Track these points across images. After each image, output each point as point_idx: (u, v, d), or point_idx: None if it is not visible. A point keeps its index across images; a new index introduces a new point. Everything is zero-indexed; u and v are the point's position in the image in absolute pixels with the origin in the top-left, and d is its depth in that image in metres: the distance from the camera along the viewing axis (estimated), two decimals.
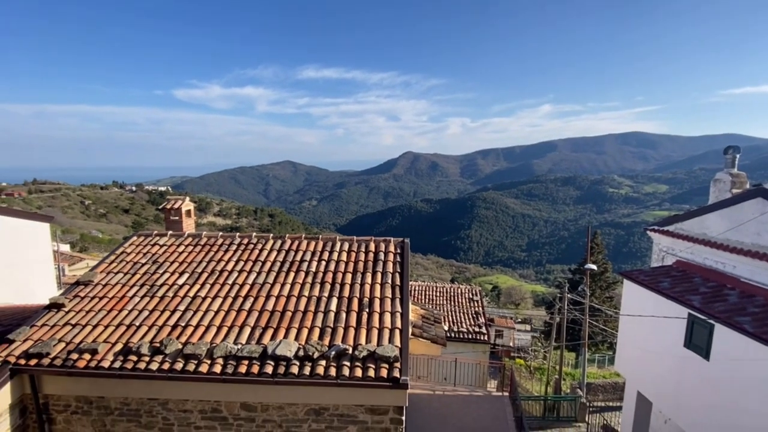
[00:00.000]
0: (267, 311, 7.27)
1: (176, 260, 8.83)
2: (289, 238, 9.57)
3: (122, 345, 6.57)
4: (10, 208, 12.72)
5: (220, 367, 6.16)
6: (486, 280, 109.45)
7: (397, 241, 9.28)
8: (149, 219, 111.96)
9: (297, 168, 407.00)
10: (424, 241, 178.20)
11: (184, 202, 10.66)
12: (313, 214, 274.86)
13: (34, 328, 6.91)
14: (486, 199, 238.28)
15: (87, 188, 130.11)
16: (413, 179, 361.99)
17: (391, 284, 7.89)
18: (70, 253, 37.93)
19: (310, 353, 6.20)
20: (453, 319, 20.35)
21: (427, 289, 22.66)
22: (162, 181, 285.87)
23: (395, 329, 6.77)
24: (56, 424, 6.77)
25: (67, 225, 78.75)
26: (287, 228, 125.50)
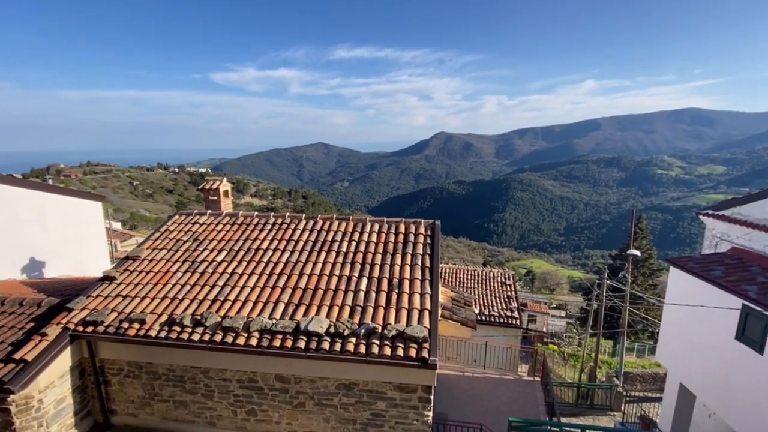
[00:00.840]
0: (300, 289, 7.48)
1: (215, 238, 9.23)
2: (321, 218, 9.71)
3: (167, 316, 7.02)
4: (68, 188, 13.74)
5: (256, 340, 6.45)
6: (520, 264, 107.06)
7: (428, 223, 9.18)
8: (191, 199, 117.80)
9: (329, 150, 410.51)
10: (456, 224, 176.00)
11: (221, 183, 11.04)
12: (345, 195, 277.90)
13: (90, 298, 7.50)
14: (522, 180, 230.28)
15: (135, 170, 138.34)
16: (446, 160, 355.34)
17: (420, 266, 7.86)
18: (121, 231, 40.82)
19: (340, 330, 6.34)
20: (484, 302, 20.14)
21: (457, 272, 22.49)
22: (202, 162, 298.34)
23: (424, 310, 6.77)
24: (111, 386, 7.43)
25: (118, 204, 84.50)
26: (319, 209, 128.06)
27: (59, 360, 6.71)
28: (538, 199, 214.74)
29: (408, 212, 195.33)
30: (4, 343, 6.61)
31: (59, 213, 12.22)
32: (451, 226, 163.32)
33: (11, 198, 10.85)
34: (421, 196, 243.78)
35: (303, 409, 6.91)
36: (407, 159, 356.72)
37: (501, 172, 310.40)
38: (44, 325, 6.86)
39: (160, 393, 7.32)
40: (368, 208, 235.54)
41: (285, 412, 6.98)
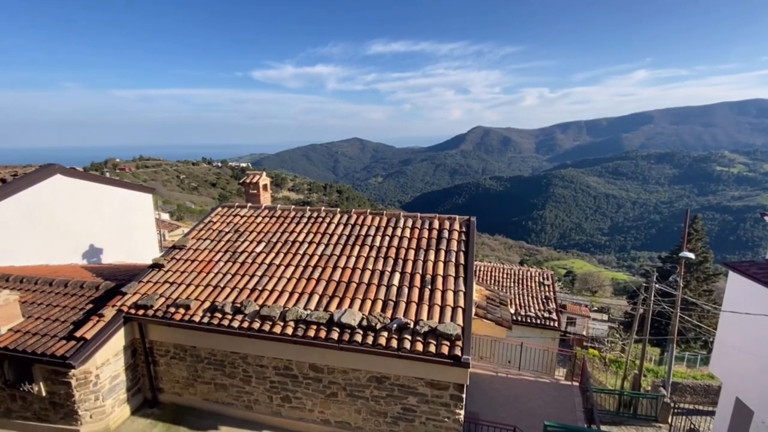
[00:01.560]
0: (333, 281, 7.61)
1: (254, 230, 9.57)
2: (355, 213, 9.80)
3: (209, 303, 7.38)
4: (122, 180, 14.77)
5: (292, 329, 6.64)
6: (559, 264, 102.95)
7: (463, 219, 9.00)
8: (233, 192, 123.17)
9: (364, 145, 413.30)
10: (492, 221, 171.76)
11: (261, 177, 11.42)
12: (379, 190, 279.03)
13: (141, 283, 8.04)
14: (564, 177, 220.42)
15: (182, 164, 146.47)
16: (482, 155, 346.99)
17: (454, 262, 7.73)
18: (169, 221, 43.45)
19: (372, 324, 6.39)
20: (521, 302, 19.56)
21: (493, 270, 21.97)
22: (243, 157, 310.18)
23: (458, 308, 6.67)
24: (159, 366, 7.94)
25: (167, 196, 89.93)
26: (354, 203, 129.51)
27: (114, 339, 7.26)
28: (581, 197, 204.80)
29: (442, 208, 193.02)
30: (67, 321, 7.25)
31: (115, 204, 13.18)
32: (487, 223, 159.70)
33: (74, 189, 11.82)
34: (456, 192, 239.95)
35: (335, 399, 7.05)
36: (442, 154, 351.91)
37: (541, 168, 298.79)
38: (101, 307, 7.44)
39: (202, 375, 7.74)
40: (402, 203, 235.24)
41: (318, 400, 7.16)
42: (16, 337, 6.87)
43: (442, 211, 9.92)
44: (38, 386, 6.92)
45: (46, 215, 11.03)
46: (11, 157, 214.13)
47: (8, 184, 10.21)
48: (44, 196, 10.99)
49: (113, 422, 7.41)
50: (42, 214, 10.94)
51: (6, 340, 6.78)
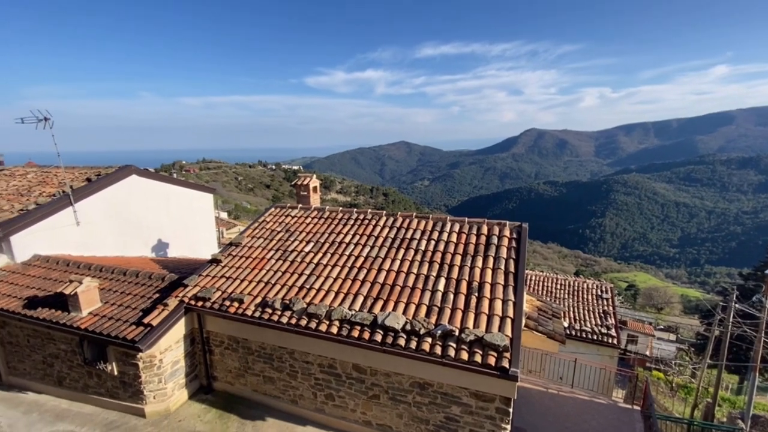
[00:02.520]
0: (378, 283, 7.63)
1: (304, 230, 9.89)
2: (400, 216, 9.78)
3: (261, 298, 7.73)
4: (187, 181, 16.00)
5: (336, 328, 6.75)
6: (620, 276, 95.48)
7: (513, 225, 8.63)
8: (285, 194, 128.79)
9: (411, 148, 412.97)
10: (546, 228, 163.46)
11: (311, 179, 11.80)
12: (425, 194, 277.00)
13: (201, 277, 8.62)
14: (627, 182, 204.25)
15: (239, 167, 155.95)
16: (536, 159, 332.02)
17: (504, 270, 7.43)
18: (227, 220, 46.37)
19: (416, 329, 6.31)
20: (575, 315, 18.38)
21: (545, 280, 20.87)
22: (295, 160, 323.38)
23: (506, 318, 6.39)
24: (214, 355, 8.44)
25: (226, 196, 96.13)
26: (399, 206, 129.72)
27: (176, 328, 7.85)
28: (647, 204, 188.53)
29: (491, 213, 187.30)
30: (137, 308, 7.95)
31: (181, 202, 14.30)
32: (540, 230, 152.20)
33: (147, 188, 12.99)
34: (506, 197, 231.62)
35: (377, 401, 7.05)
36: (492, 157, 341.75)
37: (601, 173, 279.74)
38: (166, 297, 8.08)
39: (252, 367, 8.11)
40: (448, 207, 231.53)
41: (360, 401, 7.20)
42: (95, 320, 7.65)
43: (491, 217, 9.58)
44: (111, 366, 7.65)
45: (122, 211, 12.23)
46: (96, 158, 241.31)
47: (93, 183, 11.46)
48: (122, 194, 12.20)
49: (173, 404, 8.00)
50: (119, 210, 12.15)
51: (87, 322, 7.58)
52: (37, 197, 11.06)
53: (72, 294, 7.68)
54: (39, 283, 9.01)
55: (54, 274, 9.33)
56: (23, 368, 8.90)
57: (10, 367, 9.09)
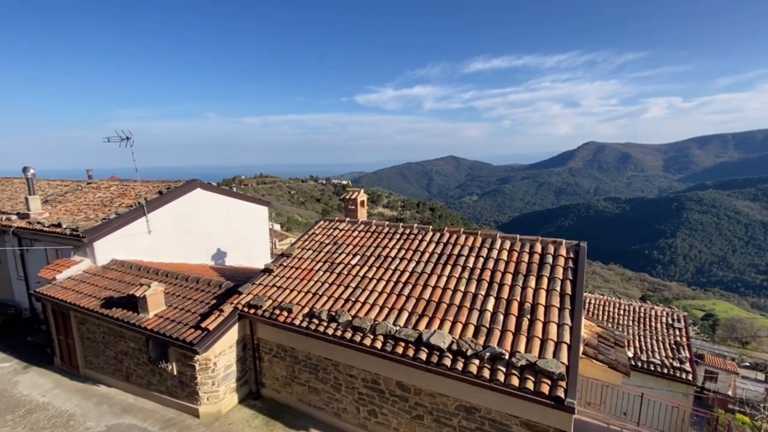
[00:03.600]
0: (423, 300, 7.49)
1: (351, 243, 10.04)
2: (447, 231, 9.60)
3: (308, 309, 7.90)
4: (245, 194, 17.01)
5: (380, 343, 6.69)
6: (695, 304, 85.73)
7: (570, 244, 8.11)
8: (333, 207, 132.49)
9: (460, 163, 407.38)
10: (606, 248, 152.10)
11: (359, 194, 12.01)
12: (473, 209, 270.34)
13: (254, 285, 9.02)
14: (703, 200, 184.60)
15: (292, 181, 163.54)
16: (595, 174, 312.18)
17: (559, 292, 6.96)
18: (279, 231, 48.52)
19: (463, 349, 6.07)
20: (642, 345, 16.68)
21: (606, 305, 19.26)
22: (344, 175, 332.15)
23: (562, 343, 5.94)
24: (263, 362, 8.72)
25: (279, 209, 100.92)
26: (446, 222, 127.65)
27: (230, 333, 8.24)
28: (727, 224, 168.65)
29: (545, 230, 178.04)
30: (196, 313, 8.47)
31: (239, 214, 15.21)
32: (600, 249, 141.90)
33: (209, 201, 13.99)
34: (562, 214, 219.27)
35: (421, 422, 6.82)
36: (546, 172, 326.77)
37: (671, 189, 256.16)
38: (222, 303, 8.54)
39: (298, 376, 8.26)
40: (498, 223, 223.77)
41: (403, 420, 7.02)
42: (159, 322, 8.27)
43: (545, 234, 9.10)
44: (171, 365, 8.18)
45: (187, 221, 13.25)
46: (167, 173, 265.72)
47: (164, 195, 12.56)
48: (187, 205, 13.24)
49: (224, 407, 8.34)
50: (185, 220, 13.17)
51: (152, 323, 8.21)
52: (116, 208, 12.34)
53: (141, 296, 8.38)
54: (115, 285, 9.96)
55: (127, 278, 10.27)
56: (98, 362, 9.80)
57: (87, 361, 10.06)
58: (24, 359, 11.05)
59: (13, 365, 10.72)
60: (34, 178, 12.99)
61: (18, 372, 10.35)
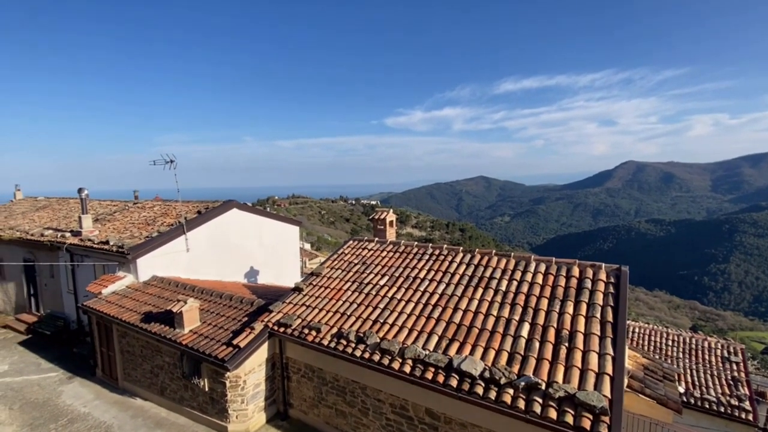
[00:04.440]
0: (454, 323, 7.27)
1: (379, 263, 10.01)
2: (478, 252, 9.38)
3: (336, 329, 7.87)
4: (278, 214, 17.50)
5: (409, 368, 6.52)
6: (753, 336, 78.16)
7: (611, 268, 7.68)
8: (362, 227, 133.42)
9: (490, 183, 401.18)
10: (650, 273, 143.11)
11: (388, 214, 12.05)
12: (505, 230, 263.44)
13: (284, 303, 9.12)
14: (758, 222, 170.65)
15: (323, 201, 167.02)
16: (635, 194, 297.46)
17: (599, 319, 6.56)
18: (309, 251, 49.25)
19: (496, 377, 5.79)
20: (694, 380, 15.29)
21: (652, 334, 17.93)
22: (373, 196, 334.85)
23: (603, 374, 5.54)
24: (291, 382, 8.70)
25: (310, 229, 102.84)
26: (477, 243, 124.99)
27: (259, 351, 8.32)
28: None
29: (582, 253, 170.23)
30: (228, 330, 8.65)
31: (272, 233, 15.62)
32: (643, 274, 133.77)
33: (244, 220, 14.48)
34: (600, 236, 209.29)
35: None
36: (582, 192, 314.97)
37: (721, 210, 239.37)
38: (253, 321, 8.67)
39: (325, 398, 8.16)
40: (532, 245, 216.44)
41: None
42: (194, 338, 8.49)
43: (582, 257, 8.70)
44: (203, 381, 8.33)
45: (223, 239, 13.74)
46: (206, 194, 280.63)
47: (202, 215, 13.15)
48: (224, 224, 13.76)
49: (252, 426, 8.34)
50: (221, 238, 13.67)
51: (187, 339, 8.45)
52: (159, 226, 13.02)
53: (178, 312, 8.68)
54: (154, 300, 10.39)
55: (166, 294, 10.70)
56: (135, 375, 10.14)
57: (125, 373, 10.44)
58: (69, 370, 11.63)
59: (59, 375, 11.31)
60: (87, 198, 14.01)
61: (63, 382, 10.89)
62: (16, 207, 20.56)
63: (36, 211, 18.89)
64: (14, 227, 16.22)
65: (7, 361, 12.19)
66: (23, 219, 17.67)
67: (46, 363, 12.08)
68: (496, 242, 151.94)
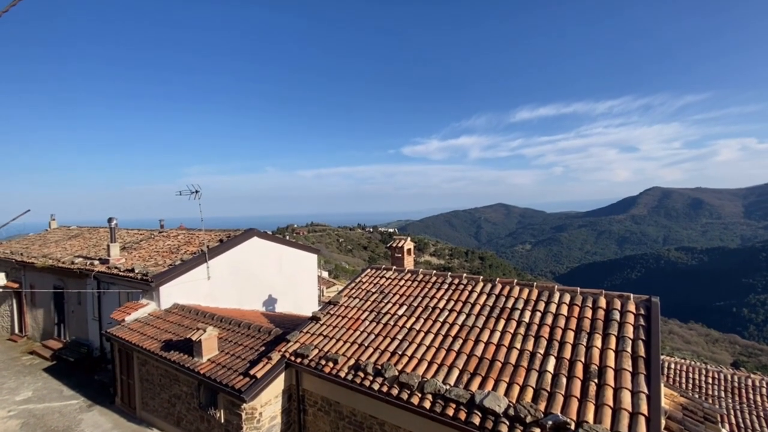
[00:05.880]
0: (475, 357, 7.01)
1: (397, 292, 9.88)
2: (499, 282, 9.15)
3: (354, 360, 7.70)
4: (297, 242, 17.68)
5: (429, 403, 6.27)
6: None
7: (640, 299, 7.34)
8: (380, 255, 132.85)
9: (510, 210, 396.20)
10: (684, 304, 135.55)
11: (406, 242, 12.01)
12: (527, 259, 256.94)
13: (301, 333, 9.04)
14: None
15: (341, 229, 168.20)
16: (662, 221, 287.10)
17: (631, 354, 6.21)
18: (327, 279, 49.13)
19: (521, 415, 5.49)
20: (738, 421, 14.05)
21: (690, 371, 16.75)
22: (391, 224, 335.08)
23: (638, 414, 5.18)
24: (308, 415, 8.47)
25: (328, 257, 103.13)
26: (497, 272, 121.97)
27: (276, 382, 8.19)
28: None
29: (608, 283, 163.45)
30: (245, 359, 8.59)
31: (291, 261, 15.73)
32: (676, 305, 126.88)
33: (264, 248, 14.69)
34: (627, 265, 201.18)
35: None
36: (606, 219, 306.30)
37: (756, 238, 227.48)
38: (270, 351, 8.60)
39: None
40: (555, 275, 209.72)
41: None
42: (211, 367, 8.46)
43: (609, 287, 8.36)
44: (220, 413, 8.21)
45: (243, 268, 13.92)
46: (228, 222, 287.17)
47: (224, 243, 13.43)
48: (244, 253, 13.99)
49: None
50: (241, 266, 13.85)
51: (205, 368, 8.43)
52: (182, 255, 13.35)
53: (197, 340, 8.72)
54: (174, 328, 10.50)
55: (186, 322, 10.81)
56: (153, 405, 10.11)
57: (143, 402, 10.42)
58: (89, 397, 11.72)
59: (80, 403, 11.39)
60: (116, 227, 14.60)
61: (83, 410, 10.95)
62: (50, 236, 21.57)
63: (68, 239, 19.75)
64: (47, 255, 16.95)
65: (32, 388, 12.41)
66: (56, 247, 18.48)
67: (68, 390, 12.22)
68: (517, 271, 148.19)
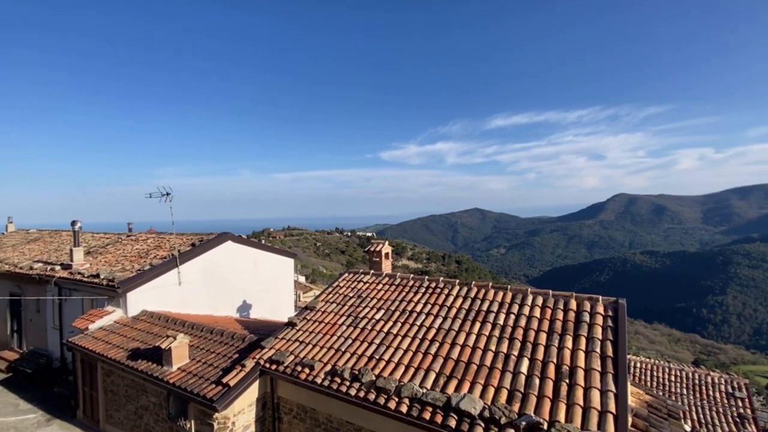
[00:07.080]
0: (452, 360, 7.08)
1: (375, 296, 9.86)
2: (475, 285, 9.30)
3: (330, 366, 7.61)
4: (273, 246, 17.37)
5: (406, 407, 6.27)
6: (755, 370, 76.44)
7: (608, 301, 7.63)
8: (358, 259, 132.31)
9: (485, 215, 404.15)
10: (649, 305, 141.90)
11: (383, 246, 12.01)
12: (501, 262, 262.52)
13: (276, 339, 8.86)
14: (751, 253, 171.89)
15: (319, 233, 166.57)
16: (628, 226, 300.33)
17: (600, 354, 6.43)
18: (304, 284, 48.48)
19: (496, 416, 5.58)
20: (699, 417, 14.78)
21: (654, 369, 17.50)
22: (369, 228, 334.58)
23: (607, 413, 5.37)
24: (283, 423, 8.29)
25: (305, 261, 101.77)
26: (473, 275, 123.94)
27: (250, 390, 7.98)
28: None
29: (579, 285, 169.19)
30: (218, 367, 8.34)
31: (266, 266, 15.43)
32: (642, 307, 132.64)
33: (239, 253, 14.34)
34: (596, 268, 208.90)
35: None
36: (576, 224, 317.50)
37: (713, 242, 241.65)
38: (244, 358, 8.39)
39: None
40: (528, 278, 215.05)
41: None
42: (182, 376, 8.16)
43: (579, 289, 8.65)
44: (190, 423, 7.92)
45: (217, 273, 13.53)
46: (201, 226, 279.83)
47: (197, 247, 13.03)
48: (218, 257, 13.61)
49: None
50: (214, 271, 13.46)
51: (175, 377, 8.11)
52: (151, 259, 12.85)
53: (166, 349, 8.39)
54: (142, 336, 10.07)
55: (155, 329, 10.39)
56: (118, 417, 9.63)
57: (108, 415, 9.92)
58: (48, 411, 11.04)
59: (37, 417, 10.72)
60: (80, 231, 13.89)
61: (41, 424, 10.31)
62: (6, 240, 20.29)
63: (27, 243, 18.64)
64: (3, 260, 15.93)
65: None
66: (13, 252, 17.39)
67: (24, 404, 11.48)
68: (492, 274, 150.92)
